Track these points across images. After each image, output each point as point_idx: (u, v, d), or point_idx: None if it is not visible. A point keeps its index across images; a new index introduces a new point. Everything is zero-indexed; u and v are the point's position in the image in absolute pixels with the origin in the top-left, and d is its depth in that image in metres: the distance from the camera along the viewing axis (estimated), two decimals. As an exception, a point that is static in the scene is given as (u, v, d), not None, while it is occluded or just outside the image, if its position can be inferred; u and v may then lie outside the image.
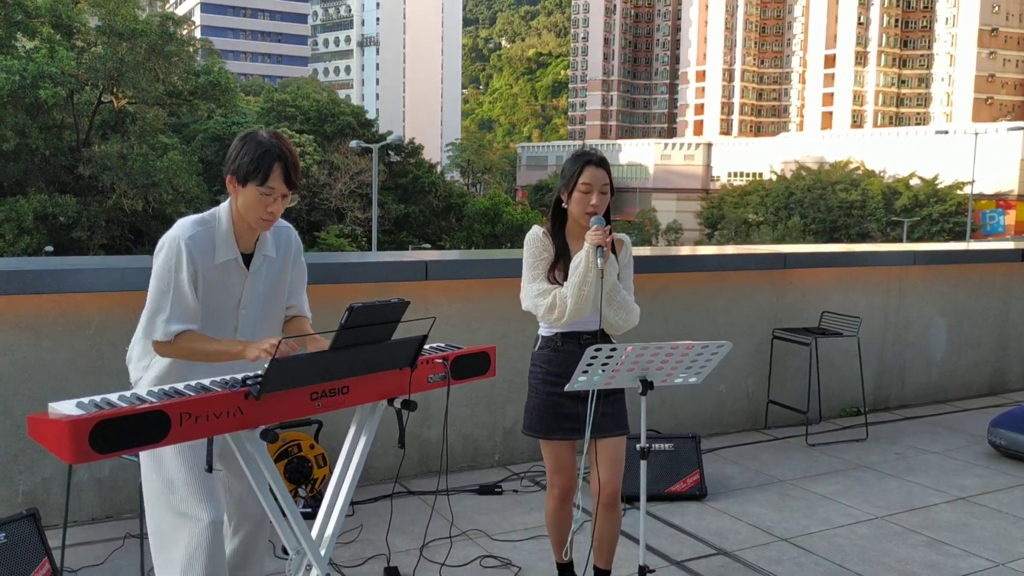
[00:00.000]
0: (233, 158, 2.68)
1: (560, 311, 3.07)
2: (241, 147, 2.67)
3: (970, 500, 4.79)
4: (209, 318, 2.73)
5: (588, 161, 3.13)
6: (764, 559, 3.96)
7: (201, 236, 2.69)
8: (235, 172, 2.67)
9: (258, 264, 2.81)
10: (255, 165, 2.63)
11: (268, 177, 2.63)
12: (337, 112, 50.52)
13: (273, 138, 2.69)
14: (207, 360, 2.67)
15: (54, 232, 34.97)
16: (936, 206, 56.64)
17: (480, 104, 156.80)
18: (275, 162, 2.64)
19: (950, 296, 7.08)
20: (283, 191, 2.68)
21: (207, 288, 2.71)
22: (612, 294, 3.10)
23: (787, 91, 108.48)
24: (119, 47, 36.58)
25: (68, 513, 4.03)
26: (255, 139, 2.68)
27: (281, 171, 2.65)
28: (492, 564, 3.84)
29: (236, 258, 2.75)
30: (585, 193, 3.09)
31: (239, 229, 2.75)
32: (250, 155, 2.65)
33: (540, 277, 3.16)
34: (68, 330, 4.08)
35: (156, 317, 2.64)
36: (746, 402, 6.09)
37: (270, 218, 2.70)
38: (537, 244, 3.20)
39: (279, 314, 2.94)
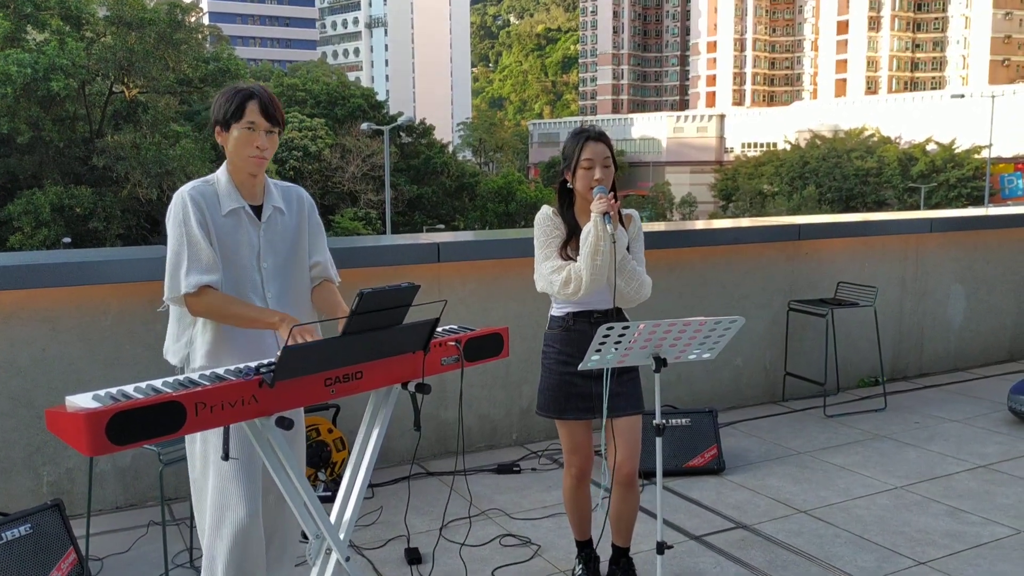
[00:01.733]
0: (214, 110, 2.79)
1: (576, 284, 3.08)
2: (219, 97, 2.79)
3: (991, 468, 4.77)
4: (233, 275, 2.78)
5: (587, 137, 3.14)
6: (784, 532, 3.96)
7: (203, 188, 2.79)
8: (218, 121, 2.77)
9: (269, 214, 2.85)
10: (231, 104, 2.73)
11: (244, 112, 2.72)
12: (347, 95, 50.45)
13: (248, 83, 2.82)
14: (240, 325, 2.72)
15: (71, 223, 35.19)
16: (953, 171, 56.00)
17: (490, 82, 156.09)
18: (249, 99, 2.73)
19: (968, 263, 7.01)
20: (265, 126, 2.74)
21: (223, 241, 2.76)
22: (623, 264, 3.10)
23: (800, 59, 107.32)
24: (128, 37, 36.62)
25: (91, 502, 4.09)
26: (231, 87, 2.80)
27: (258, 105, 2.73)
28: (512, 543, 3.86)
29: (243, 207, 2.80)
30: (588, 169, 3.11)
31: (239, 182, 2.82)
32: (226, 97, 2.76)
33: (553, 255, 3.16)
34: (85, 322, 4.11)
35: (177, 272, 2.70)
36: (763, 375, 6.08)
37: (259, 154, 2.76)
38: (548, 223, 3.20)
39: (303, 272, 2.96)
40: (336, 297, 2.99)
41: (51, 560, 3.37)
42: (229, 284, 2.77)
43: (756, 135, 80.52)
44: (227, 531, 2.75)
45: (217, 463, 2.75)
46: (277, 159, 42.09)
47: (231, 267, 2.78)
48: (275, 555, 3.03)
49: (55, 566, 3.37)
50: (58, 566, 3.38)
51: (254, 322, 2.68)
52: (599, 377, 3.14)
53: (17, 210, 33.81)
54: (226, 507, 2.74)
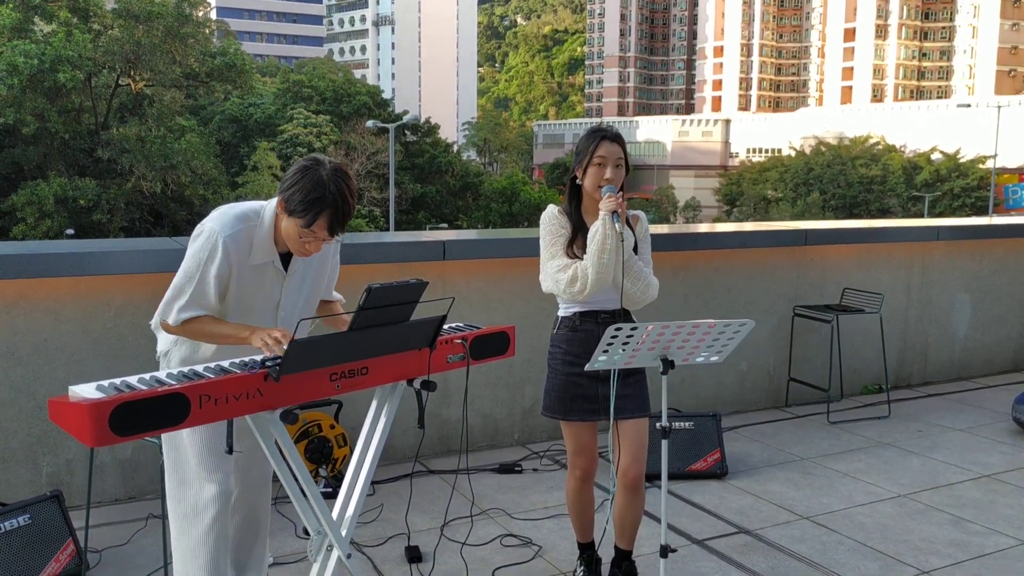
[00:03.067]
0: (288, 185, 2.55)
1: (582, 283, 3.06)
2: (298, 179, 2.54)
3: (994, 477, 4.75)
4: (246, 318, 2.73)
5: (603, 136, 3.12)
6: (786, 537, 3.94)
7: (242, 235, 2.62)
8: (285, 202, 2.57)
9: (296, 267, 2.77)
10: (304, 207, 2.52)
11: (314, 224, 2.54)
12: (353, 92, 50.45)
13: (332, 180, 2.53)
14: (213, 342, 2.67)
15: (75, 215, 35.20)
16: (958, 181, 55.88)
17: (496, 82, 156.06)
18: (325, 209, 2.52)
19: (974, 272, 6.99)
20: (325, 236, 2.58)
21: (242, 288, 2.69)
22: (629, 264, 3.08)
23: (806, 65, 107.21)
24: (136, 29, 36.62)
25: (91, 494, 4.07)
26: (315, 176, 2.53)
27: (327, 220, 2.53)
28: (513, 543, 3.84)
29: (273, 261, 2.71)
30: (599, 166, 3.08)
31: (280, 240, 2.69)
32: (303, 193, 2.52)
33: (559, 254, 3.14)
34: (88, 313, 4.10)
35: (174, 302, 2.64)
36: (767, 380, 6.05)
37: (306, 254, 2.65)
38: (553, 222, 3.18)
39: (313, 312, 2.95)
40: (336, 307, 2.98)
41: (49, 551, 3.36)
42: None
43: (761, 140, 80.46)
44: (198, 510, 2.74)
45: (188, 447, 2.74)
46: (281, 155, 42.08)
47: (242, 311, 2.73)
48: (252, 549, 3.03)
49: (53, 557, 3.36)
50: (56, 557, 3.36)
51: (228, 338, 2.61)
52: (605, 379, 3.12)
53: (21, 201, 33.83)
54: (199, 487, 2.74)
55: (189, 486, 2.77)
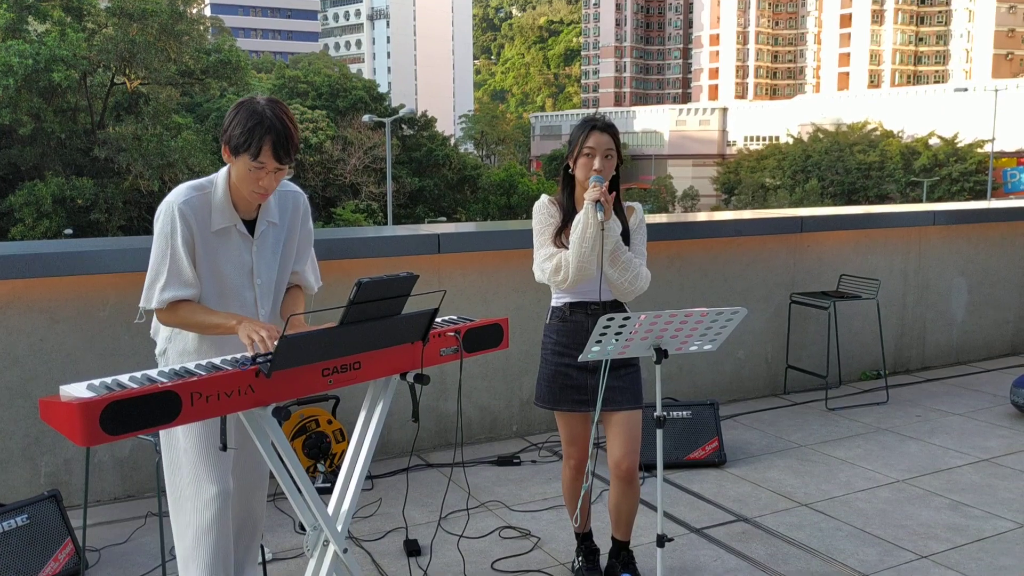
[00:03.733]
0: (226, 126, 2.58)
1: (564, 272, 3.08)
2: (234, 116, 2.56)
3: (993, 461, 4.75)
4: (225, 292, 2.73)
5: (593, 126, 3.12)
6: (785, 525, 3.94)
7: (196, 200, 2.64)
8: (227, 142, 2.59)
9: (262, 230, 2.76)
10: (245, 138, 2.53)
11: (259, 152, 2.53)
12: (349, 87, 50.38)
13: (268, 107, 2.56)
14: (204, 332, 2.66)
15: (73, 215, 35.21)
16: (956, 165, 55.82)
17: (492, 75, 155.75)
18: (266, 135, 2.52)
19: (971, 256, 6.98)
20: (274, 166, 2.57)
21: (211, 257, 2.68)
22: (616, 254, 3.08)
23: (803, 52, 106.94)
24: (130, 28, 36.57)
25: (89, 493, 4.08)
26: (248, 108, 2.56)
27: (271, 145, 2.53)
28: (511, 535, 3.84)
29: (235, 224, 2.70)
30: (588, 157, 3.08)
31: (237, 195, 2.69)
32: (242, 126, 2.54)
33: (547, 243, 3.17)
34: (83, 312, 4.09)
35: (154, 286, 2.64)
36: (765, 368, 6.05)
37: (262, 191, 2.63)
38: (543, 212, 3.20)
39: (287, 281, 2.92)
40: (299, 305, 2.93)
41: (48, 551, 3.36)
42: (216, 302, 2.71)
43: (759, 128, 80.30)
44: (197, 508, 2.74)
45: (185, 445, 2.73)
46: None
47: (218, 284, 2.71)
48: (245, 543, 3.03)
49: (52, 556, 3.36)
50: (55, 556, 3.37)
51: (216, 328, 2.60)
52: (595, 370, 3.12)
53: (19, 201, 33.83)
54: (197, 485, 2.73)
55: (188, 485, 2.77)
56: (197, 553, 2.75)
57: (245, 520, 3.03)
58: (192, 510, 2.76)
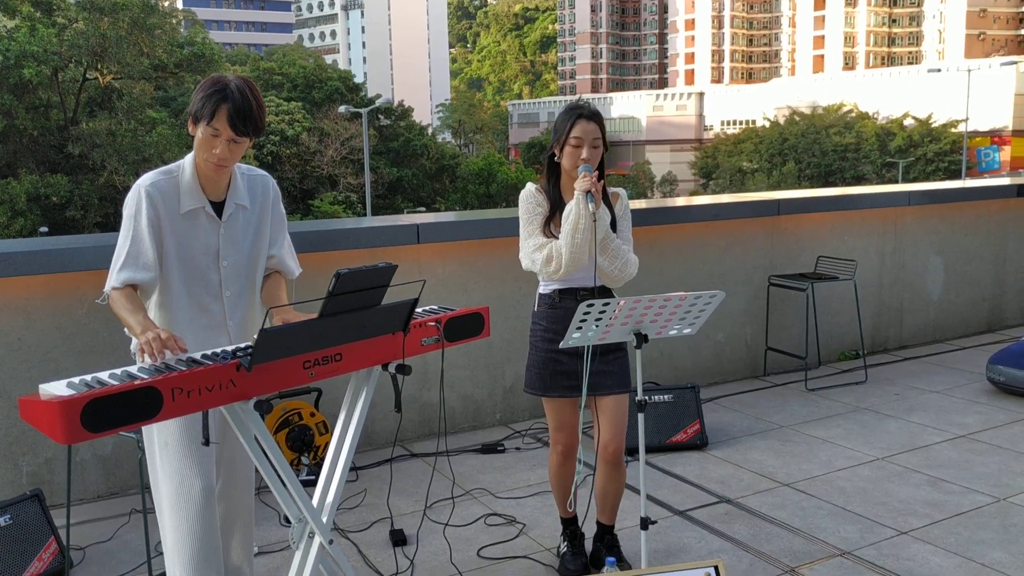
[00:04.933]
0: (192, 99, 2.63)
1: (557, 262, 3.07)
2: (201, 85, 2.62)
3: (970, 437, 4.82)
4: (186, 275, 2.72)
5: (580, 115, 3.10)
6: (767, 505, 3.99)
7: (164, 183, 2.67)
8: (190, 111, 2.63)
9: (231, 212, 2.76)
10: (202, 103, 2.57)
11: (213, 117, 2.56)
12: (324, 78, 50.04)
13: (234, 81, 2.60)
14: (124, 325, 2.59)
15: (48, 212, 34.81)
16: (931, 146, 56.27)
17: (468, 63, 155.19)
18: (222, 103, 2.56)
19: (946, 235, 7.06)
20: (229, 135, 2.59)
21: (179, 240, 2.68)
22: (605, 242, 3.09)
23: (777, 36, 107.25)
24: (101, 22, 36.09)
25: (72, 491, 4.06)
26: (214, 79, 2.62)
27: (227, 113, 2.56)
28: (496, 522, 3.86)
29: (204, 207, 2.71)
30: (576, 147, 3.08)
31: (204, 176, 2.70)
32: (204, 93, 2.59)
33: (536, 233, 3.16)
34: (61, 310, 4.06)
35: (114, 266, 2.65)
36: (745, 350, 6.10)
37: (217, 161, 2.63)
38: (531, 200, 3.19)
39: (262, 267, 2.91)
40: (280, 292, 2.91)
41: (32, 550, 3.35)
42: (184, 285, 2.72)
43: (735, 112, 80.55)
44: (182, 504, 2.73)
45: (169, 441, 2.73)
46: (255, 144, 41.70)
47: (185, 267, 2.71)
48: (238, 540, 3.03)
49: (36, 556, 3.35)
50: (39, 556, 3.36)
51: (129, 327, 2.55)
52: (583, 355, 3.13)
53: (-8, 200, 33.41)
54: (182, 480, 2.73)
55: (171, 480, 2.77)
56: (182, 549, 2.75)
57: (234, 515, 3.03)
58: (176, 506, 2.76)
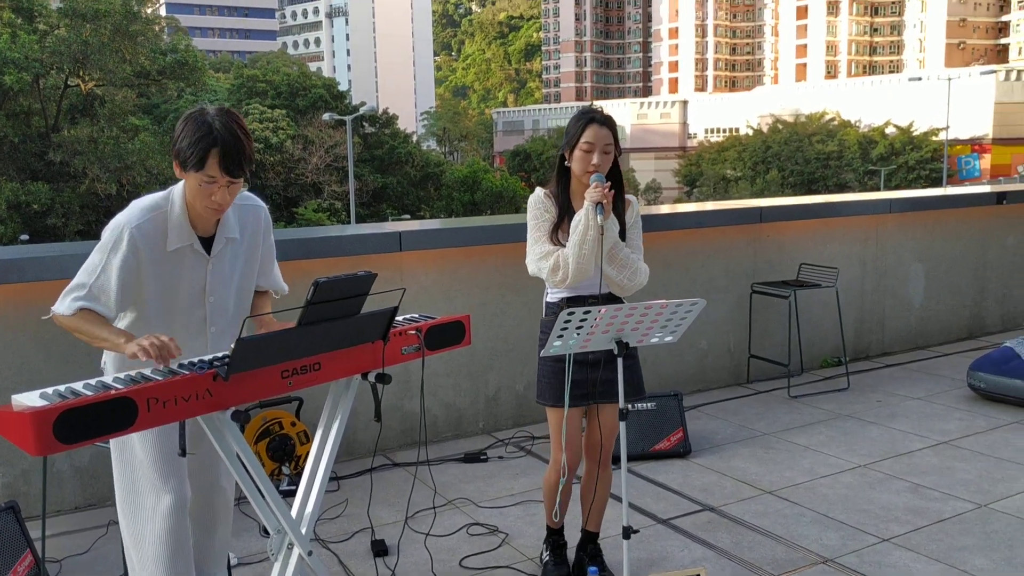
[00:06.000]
0: (175, 141, 2.48)
1: (564, 272, 3.04)
2: (183, 128, 2.46)
3: (952, 444, 4.83)
4: (174, 309, 2.65)
5: (592, 119, 3.06)
6: (750, 512, 3.98)
7: (149, 224, 2.54)
8: (177, 156, 2.49)
9: (220, 248, 2.67)
10: (191, 151, 2.43)
11: (204, 164, 2.43)
12: (308, 85, 49.89)
13: (217, 118, 2.45)
14: (91, 343, 2.53)
15: (28, 220, 34.51)
16: (912, 153, 56.72)
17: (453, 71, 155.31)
18: (211, 148, 2.41)
19: (927, 242, 7.10)
20: (226, 180, 2.47)
21: (163, 277, 2.60)
22: (614, 252, 3.05)
23: (760, 44, 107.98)
24: (83, 29, 35.87)
25: (49, 503, 4.01)
26: (196, 120, 2.45)
27: (219, 158, 2.42)
28: (479, 532, 3.84)
29: (192, 244, 2.61)
30: (587, 152, 3.04)
31: (194, 212, 2.58)
32: (189, 138, 2.43)
33: (543, 239, 3.11)
34: (36, 319, 4.00)
35: (71, 291, 2.54)
36: (728, 358, 6.10)
37: (216, 207, 2.52)
38: (539, 206, 3.15)
39: (249, 299, 2.85)
40: (265, 306, 2.88)
41: (7, 563, 3.29)
42: (163, 323, 2.62)
43: (719, 120, 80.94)
44: (153, 516, 2.68)
45: (138, 456, 2.68)
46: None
47: (168, 304, 2.63)
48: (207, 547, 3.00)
49: (11, 569, 3.29)
50: (14, 569, 3.30)
51: (104, 342, 2.48)
52: (595, 363, 3.11)
53: (-28, 208, 33.09)
54: (152, 492, 2.68)
55: (143, 494, 2.70)
56: (155, 566, 2.70)
57: (207, 524, 2.99)
58: (148, 519, 2.70)
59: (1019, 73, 62.16)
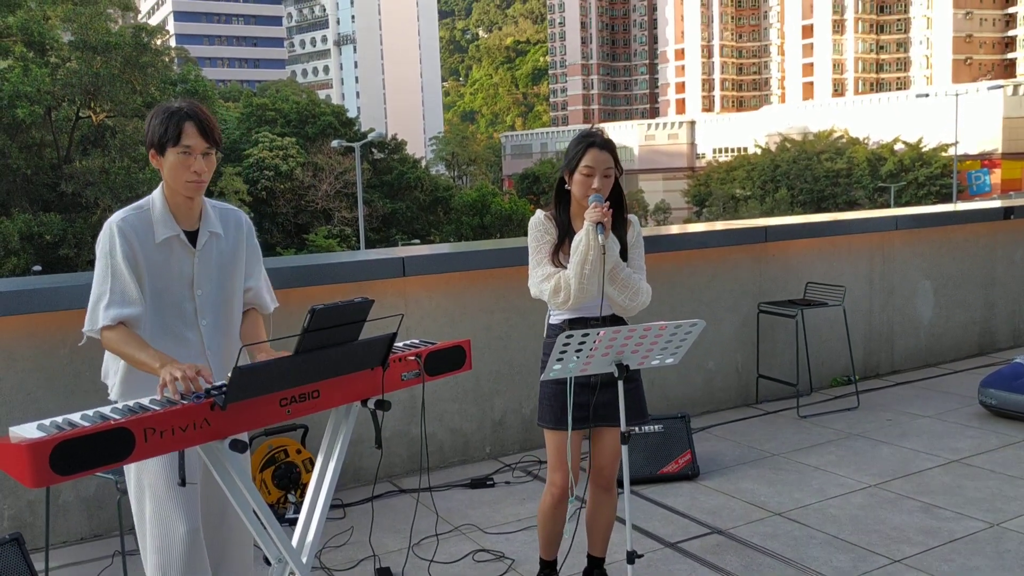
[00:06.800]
0: (147, 131, 2.66)
1: (566, 293, 3.03)
2: (152, 117, 2.66)
3: (963, 462, 4.78)
4: (166, 304, 2.71)
5: (592, 143, 3.06)
6: (759, 535, 3.94)
7: (134, 219, 2.68)
8: (152, 143, 2.65)
9: (204, 240, 2.77)
10: (165, 127, 2.61)
11: (181, 135, 2.60)
12: (318, 112, 50.33)
13: (181, 101, 2.68)
14: (130, 364, 2.63)
15: (41, 251, 34.77)
16: (922, 170, 56.65)
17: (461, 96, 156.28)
18: (185, 120, 2.61)
19: (935, 259, 7.06)
20: (202, 148, 2.63)
21: (154, 271, 2.68)
22: (615, 272, 3.04)
23: (767, 64, 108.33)
24: (94, 61, 36.29)
25: (54, 534, 4.01)
26: (162, 106, 2.66)
27: (195, 127, 2.62)
28: (485, 558, 3.81)
29: (178, 235, 2.72)
30: (587, 176, 3.04)
31: (175, 206, 2.72)
32: (159, 119, 2.62)
33: (544, 261, 3.11)
34: (42, 351, 4.03)
35: (98, 305, 2.64)
36: (736, 378, 6.07)
37: (196, 179, 2.66)
38: (539, 228, 3.15)
39: (239, 298, 2.89)
40: (259, 329, 2.90)
41: (11, 596, 3.28)
42: (157, 316, 2.70)
43: (727, 140, 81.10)
44: (165, 548, 2.68)
45: (151, 484, 2.69)
46: (248, 179, 41.84)
47: (160, 298, 2.70)
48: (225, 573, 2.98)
49: (15, 602, 3.28)
50: (18, 602, 3.29)
51: (142, 365, 2.55)
52: (595, 386, 3.09)
53: (-15, 239, 33.35)
54: (163, 523, 2.68)
55: (154, 523, 2.71)
56: None
57: (221, 555, 2.97)
58: (159, 549, 2.71)
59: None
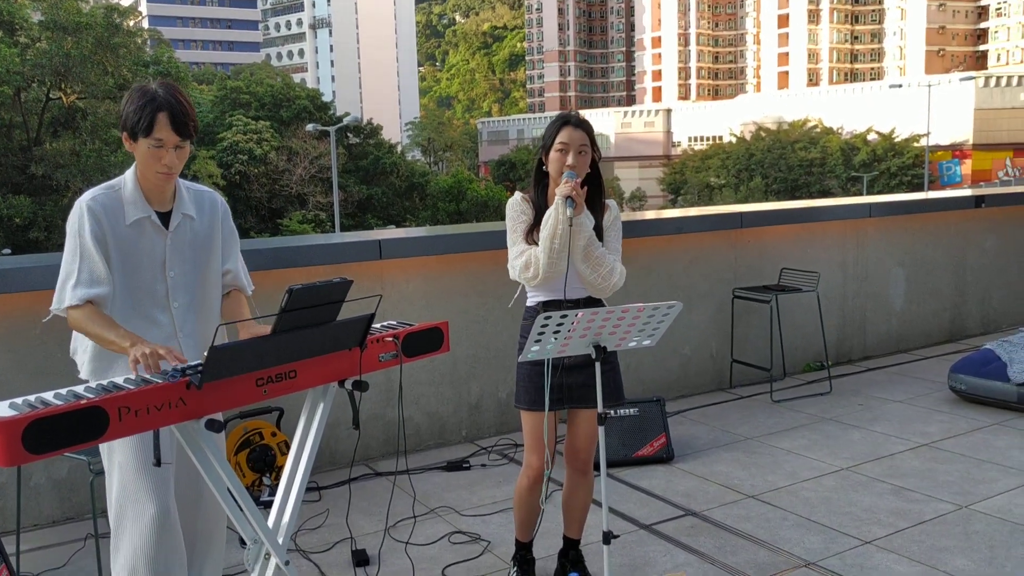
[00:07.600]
0: (122, 113, 2.62)
1: (535, 268, 3.04)
2: (127, 101, 2.61)
3: (933, 446, 4.85)
4: (137, 285, 2.69)
5: (566, 122, 3.09)
6: (732, 517, 3.98)
7: (105, 198, 2.65)
8: (125, 127, 2.61)
9: (177, 222, 2.74)
10: (138, 116, 2.56)
11: (153, 127, 2.55)
12: (292, 96, 49.83)
13: (160, 87, 2.61)
14: (98, 343, 2.61)
15: (10, 234, 34.28)
16: (894, 160, 57.15)
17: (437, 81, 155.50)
18: (159, 112, 2.55)
19: (907, 246, 7.14)
20: (174, 142, 2.59)
21: (124, 252, 2.66)
22: (589, 250, 3.05)
23: (743, 53, 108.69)
24: (64, 41, 35.71)
25: (26, 517, 3.97)
26: (140, 90, 2.60)
27: (168, 119, 2.56)
28: (461, 540, 3.82)
29: (150, 216, 2.69)
30: (561, 152, 3.05)
31: (147, 187, 2.69)
32: (134, 106, 2.57)
33: (519, 240, 3.13)
34: (13, 331, 3.98)
35: (66, 284, 2.62)
36: (711, 363, 6.11)
37: (167, 171, 2.63)
38: (516, 208, 3.16)
39: (215, 281, 2.88)
40: (242, 308, 2.90)
41: (-19, 578, 3.25)
42: (128, 297, 2.68)
43: (702, 129, 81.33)
44: (136, 528, 2.67)
45: (121, 464, 2.67)
46: (222, 163, 41.42)
47: (130, 279, 2.68)
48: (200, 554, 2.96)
49: (-15, 584, 3.25)
50: (-11, 584, 3.26)
51: (110, 344, 2.53)
52: (570, 367, 3.11)
53: (-47, 222, 32.85)
54: (134, 503, 2.67)
55: (127, 504, 2.69)
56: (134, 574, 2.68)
57: (195, 537, 2.95)
58: (131, 530, 2.69)
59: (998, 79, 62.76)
